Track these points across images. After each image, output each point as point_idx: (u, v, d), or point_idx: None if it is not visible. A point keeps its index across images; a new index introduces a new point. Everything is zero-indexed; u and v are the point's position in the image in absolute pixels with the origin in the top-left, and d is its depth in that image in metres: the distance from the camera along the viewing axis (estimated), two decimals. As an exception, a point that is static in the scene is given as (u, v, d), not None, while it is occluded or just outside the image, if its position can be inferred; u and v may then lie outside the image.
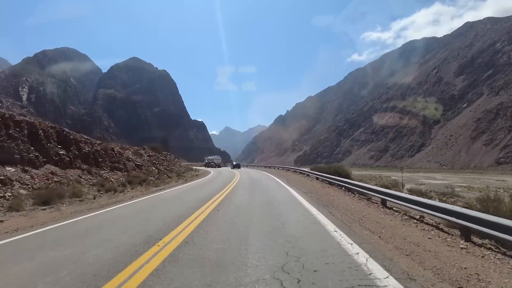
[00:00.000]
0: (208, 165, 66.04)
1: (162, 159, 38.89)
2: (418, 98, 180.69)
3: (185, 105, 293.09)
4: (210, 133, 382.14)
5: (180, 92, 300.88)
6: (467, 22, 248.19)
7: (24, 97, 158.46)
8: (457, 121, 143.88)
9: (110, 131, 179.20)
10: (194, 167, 52.84)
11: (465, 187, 42.36)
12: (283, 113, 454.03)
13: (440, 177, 69.22)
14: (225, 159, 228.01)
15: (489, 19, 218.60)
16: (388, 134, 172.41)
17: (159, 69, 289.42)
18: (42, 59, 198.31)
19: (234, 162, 64.60)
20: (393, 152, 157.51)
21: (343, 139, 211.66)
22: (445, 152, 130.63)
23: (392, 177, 68.57)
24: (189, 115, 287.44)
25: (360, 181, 17.40)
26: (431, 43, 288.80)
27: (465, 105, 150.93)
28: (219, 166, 61.97)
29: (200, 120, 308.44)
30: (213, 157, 70.96)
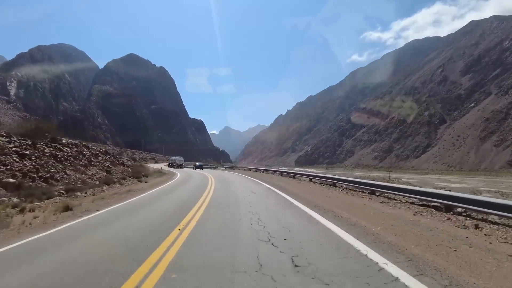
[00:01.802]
0: (171, 165, 66.09)
1: (29, 156, 18.65)
2: (422, 97, 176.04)
3: (183, 103, 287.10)
4: (209, 132, 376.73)
5: (178, 90, 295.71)
6: (472, 21, 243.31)
7: (12, 92, 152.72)
8: (464, 121, 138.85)
9: (103, 129, 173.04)
10: (162, 170, 44.77)
11: (495, 192, 36.99)
12: (284, 112, 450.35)
13: (455, 180, 63.82)
14: (225, 159, 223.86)
15: (495, 18, 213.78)
16: (392, 134, 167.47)
17: (157, 66, 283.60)
18: (35, 54, 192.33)
19: (197, 163, 63.34)
20: (398, 153, 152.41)
21: (345, 139, 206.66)
22: (453, 153, 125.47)
23: (404, 179, 63.37)
24: (187, 114, 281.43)
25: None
26: (434, 42, 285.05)
27: (472, 104, 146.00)
28: (181, 167, 61.65)
29: (199, 119, 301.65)
30: (175, 157, 72.80)
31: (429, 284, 4.23)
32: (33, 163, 18.10)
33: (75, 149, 25.43)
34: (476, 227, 7.39)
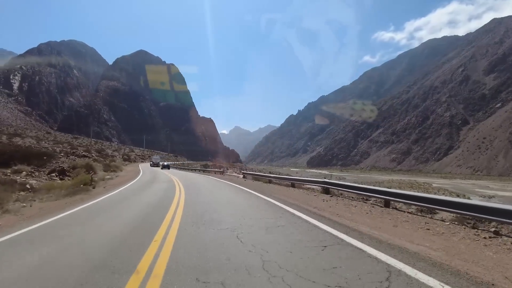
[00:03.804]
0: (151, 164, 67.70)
1: None
2: (441, 98, 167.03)
3: (193, 101, 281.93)
4: (219, 132, 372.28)
5: (188, 88, 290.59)
6: (494, 19, 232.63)
7: (15, 86, 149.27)
8: (490, 123, 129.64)
9: (109, 125, 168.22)
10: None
11: None
12: (295, 113, 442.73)
13: (493, 186, 56.15)
14: (234, 159, 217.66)
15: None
16: (410, 135, 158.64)
17: (167, 62, 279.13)
18: (44, 50, 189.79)
19: (164, 163, 59.57)
20: (417, 155, 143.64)
21: (360, 140, 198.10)
22: (478, 156, 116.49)
23: (434, 184, 56.05)
24: (197, 112, 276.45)
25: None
26: (452, 41, 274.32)
27: (498, 105, 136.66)
28: (157, 166, 61.12)
29: (208, 117, 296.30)
30: (153, 157, 76.99)
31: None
32: None
33: None
34: None
